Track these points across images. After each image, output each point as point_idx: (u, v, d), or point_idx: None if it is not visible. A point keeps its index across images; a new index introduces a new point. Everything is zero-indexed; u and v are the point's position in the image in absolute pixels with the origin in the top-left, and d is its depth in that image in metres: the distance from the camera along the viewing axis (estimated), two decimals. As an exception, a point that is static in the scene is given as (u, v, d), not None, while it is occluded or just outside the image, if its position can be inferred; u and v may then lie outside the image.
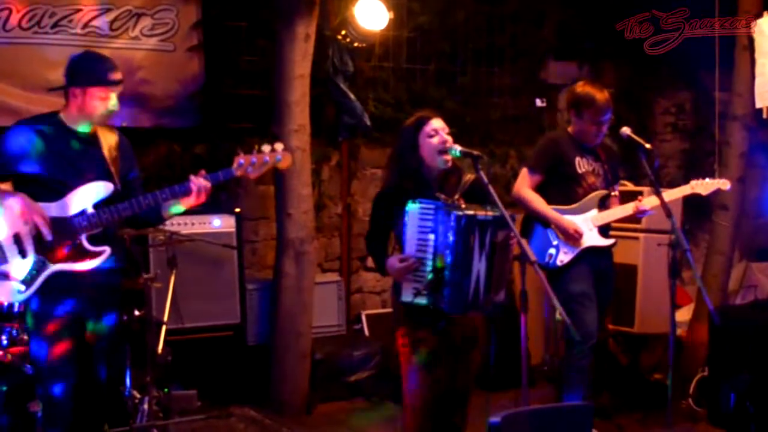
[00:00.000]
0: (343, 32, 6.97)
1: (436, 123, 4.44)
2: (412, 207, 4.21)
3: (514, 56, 8.33)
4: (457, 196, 4.37)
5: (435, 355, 4.37)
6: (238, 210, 6.52)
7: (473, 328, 4.52)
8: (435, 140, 4.38)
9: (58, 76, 5.36)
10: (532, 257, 4.07)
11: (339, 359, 6.68)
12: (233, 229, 6.44)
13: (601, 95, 5.44)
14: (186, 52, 6.70)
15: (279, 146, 4.32)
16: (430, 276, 4.19)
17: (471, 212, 4.21)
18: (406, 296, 4.25)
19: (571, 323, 4.18)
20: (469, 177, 4.49)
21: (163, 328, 5.56)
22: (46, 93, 5.88)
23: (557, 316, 4.14)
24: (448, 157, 4.39)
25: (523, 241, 4.15)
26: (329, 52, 6.99)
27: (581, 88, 5.56)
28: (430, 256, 4.20)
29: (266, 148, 4.26)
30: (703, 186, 5.67)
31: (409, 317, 4.36)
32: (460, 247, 4.19)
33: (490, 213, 4.22)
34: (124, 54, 6.35)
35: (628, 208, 5.51)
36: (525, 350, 4.23)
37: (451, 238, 4.17)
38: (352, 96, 7.14)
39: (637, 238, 6.63)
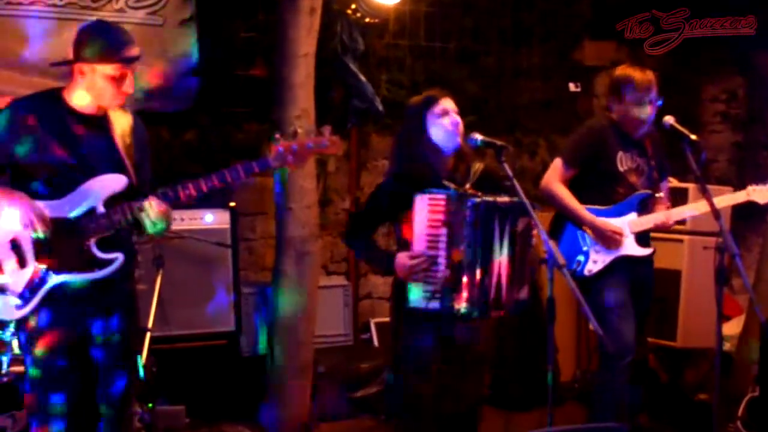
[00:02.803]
0: (353, 6, 6.97)
1: (446, 103, 4.46)
2: (420, 199, 4.23)
3: (544, 34, 8.33)
4: (468, 186, 4.39)
5: (437, 372, 4.39)
6: (233, 204, 6.51)
7: (485, 342, 4.53)
8: (446, 121, 4.40)
9: (34, 51, 5.39)
10: (561, 261, 4.08)
11: (344, 372, 6.69)
12: (227, 226, 6.44)
13: (641, 73, 5.42)
14: (177, 27, 6.69)
15: (326, 129, 4.17)
16: (443, 274, 4.21)
17: (489, 198, 4.24)
18: (416, 301, 4.27)
19: (605, 336, 4.18)
20: (479, 165, 4.52)
21: (148, 335, 5.57)
22: (20, 72, 5.94)
23: (590, 327, 4.14)
24: (460, 138, 4.41)
25: (552, 243, 4.16)
26: (337, 28, 6.99)
27: (620, 70, 5.56)
28: (442, 253, 4.23)
29: (309, 131, 4.12)
30: (762, 193, 5.60)
31: (411, 326, 4.38)
32: (480, 238, 4.22)
33: (508, 199, 4.24)
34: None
35: (657, 218, 5.48)
36: (552, 364, 4.25)
37: (468, 229, 4.19)
38: (362, 77, 7.14)
39: (681, 241, 6.64)
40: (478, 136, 4.41)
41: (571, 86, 8.22)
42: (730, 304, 7.27)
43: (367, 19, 7.06)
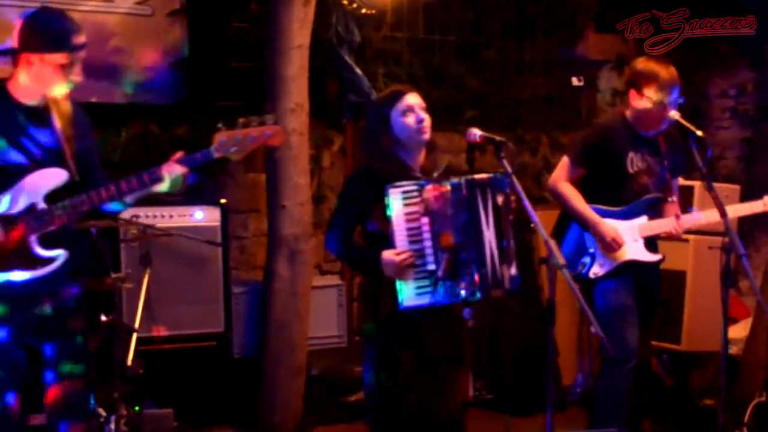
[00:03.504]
0: (350, -4, 6.98)
1: (411, 98, 4.43)
2: (393, 193, 4.21)
3: (547, 27, 8.31)
4: (435, 175, 4.39)
5: (409, 377, 4.37)
6: (223, 201, 6.50)
7: (458, 340, 4.51)
8: (410, 119, 4.38)
9: (16, 42, 5.33)
10: (561, 261, 4.06)
11: (338, 376, 6.68)
12: (218, 223, 6.42)
13: (665, 70, 5.35)
14: (166, 17, 6.70)
15: (269, 118, 4.17)
16: (433, 266, 4.20)
17: (468, 177, 4.25)
18: (410, 299, 4.25)
19: (606, 340, 4.16)
20: (445, 161, 4.55)
21: (134, 336, 5.56)
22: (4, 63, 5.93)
23: (592, 329, 4.12)
24: (426, 134, 4.40)
25: (552, 242, 4.14)
26: (332, 20, 6.98)
27: (642, 63, 5.48)
28: (428, 244, 4.21)
29: (253, 121, 4.11)
30: None
31: (384, 330, 4.38)
32: (468, 218, 4.22)
33: (485, 174, 4.25)
34: (94, 18, 6.36)
35: (667, 225, 5.45)
36: (552, 368, 4.24)
37: (454, 210, 4.20)
38: (358, 70, 7.13)
39: (686, 241, 6.60)
40: (477, 132, 4.39)
41: (574, 81, 8.19)
42: (736, 307, 7.24)
43: (363, 10, 7.05)
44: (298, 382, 6.41)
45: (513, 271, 4.37)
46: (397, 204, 4.20)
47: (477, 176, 4.27)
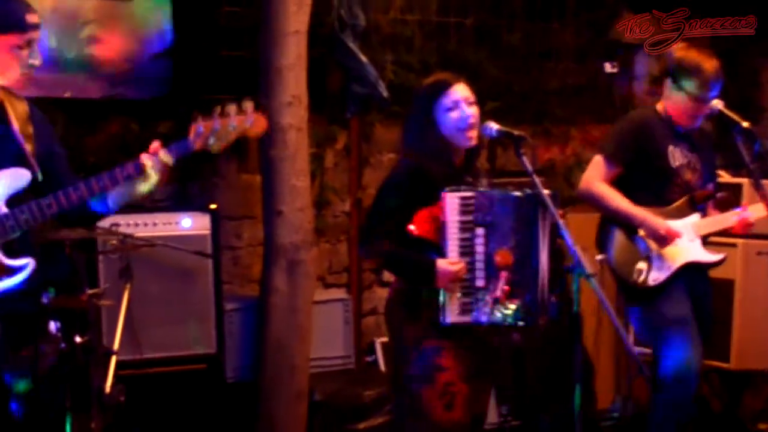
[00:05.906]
0: (353, -25, 6.98)
1: (457, 92, 4.47)
2: (450, 198, 4.25)
3: (577, 8, 8.30)
4: (485, 182, 4.42)
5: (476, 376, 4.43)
6: (214, 206, 6.49)
7: (492, 359, 4.59)
8: (455, 115, 4.40)
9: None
10: (590, 269, 4.06)
11: (345, 401, 6.66)
12: (208, 232, 6.40)
13: (709, 63, 5.35)
14: (148, 2, 6.70)
15: (248, 106, 4.16)
16: (482, 282, 4.28)
17: (529, 191, 4.33)
18: (454, 315, 4.28)
19: (642, 362, 4.14)
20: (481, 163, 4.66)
21: (114, 359, 5.57)
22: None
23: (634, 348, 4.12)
24: (473, 134, 4.41)
25: (578, 248, 4.15)
26: (334, 1, 6.98)
27: (683, 51, 5.49)
28: (480, 258, 4.28)
29: (232, 109, 4.13)
30: None
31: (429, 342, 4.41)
32: (527, 236, 4.32)
33: (547, 191, 4.32)
34: (67, 4, 6.36)
35: (730, 219, 5.42)
36: (581, 390, 4.26)
37: (516, 226, 4.30)
38: (364, 58, 7.11)
39: (734, 245, 6.57)
40: (494, 126, 4.41)
41: (607, 67, 8.18)
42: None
43: (369, -9, 7.06)
44: (299, 409, 6.42)
45: (554, 296, 4.42)
46: (453, 210, 4.23)
47: (540, 191, 4.28)
